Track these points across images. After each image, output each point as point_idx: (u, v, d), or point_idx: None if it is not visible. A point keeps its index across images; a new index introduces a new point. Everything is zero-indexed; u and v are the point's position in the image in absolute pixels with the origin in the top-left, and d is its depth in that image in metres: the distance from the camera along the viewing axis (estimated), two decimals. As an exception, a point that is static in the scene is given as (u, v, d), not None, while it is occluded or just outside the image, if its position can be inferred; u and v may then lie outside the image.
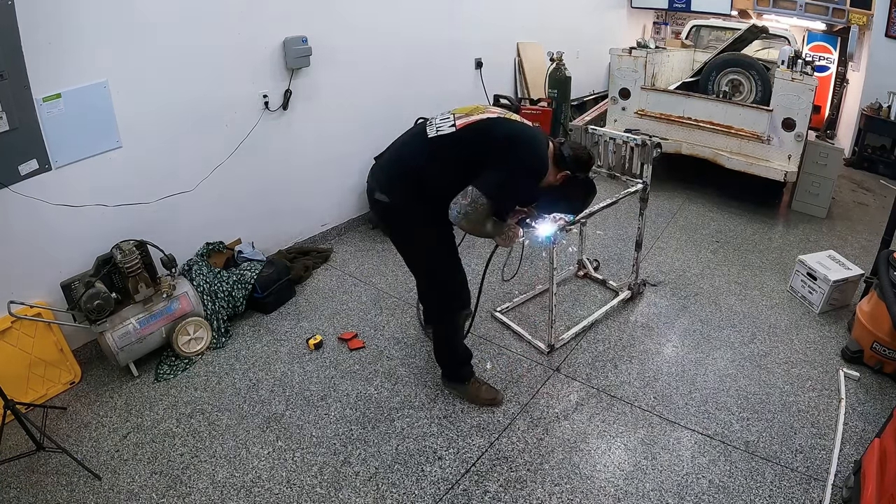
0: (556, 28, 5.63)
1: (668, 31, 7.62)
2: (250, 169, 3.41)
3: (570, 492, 2.17)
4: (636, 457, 2.32)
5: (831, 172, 4.40)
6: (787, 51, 4.27)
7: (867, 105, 5.50)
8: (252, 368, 2.84)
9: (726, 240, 4.11)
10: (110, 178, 2.79)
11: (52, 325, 2.64)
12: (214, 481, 2.22)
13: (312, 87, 3.60)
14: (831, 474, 2.19)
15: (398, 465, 2.29)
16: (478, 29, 4.78)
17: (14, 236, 2.52)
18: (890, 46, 5.35)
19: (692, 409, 2.56)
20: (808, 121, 4.14)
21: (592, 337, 3.04)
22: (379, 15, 3.90)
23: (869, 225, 4.32)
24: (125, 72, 2.72)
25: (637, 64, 4.85)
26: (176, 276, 2.93)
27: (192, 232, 3.19)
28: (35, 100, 2.43)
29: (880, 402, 2.58)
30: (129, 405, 2.61)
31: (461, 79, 4.84)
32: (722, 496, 2.13)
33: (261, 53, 3.29)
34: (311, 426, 2.48)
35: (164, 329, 2.81)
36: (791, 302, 3.37)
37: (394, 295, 3.43)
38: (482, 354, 2.90)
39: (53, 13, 2.42)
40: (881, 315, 2.63)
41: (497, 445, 2.37)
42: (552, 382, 2.72)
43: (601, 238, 4.06)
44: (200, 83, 3.04)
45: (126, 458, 2.33)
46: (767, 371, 2.79)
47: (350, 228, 4.24)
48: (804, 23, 6.07)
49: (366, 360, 2.88)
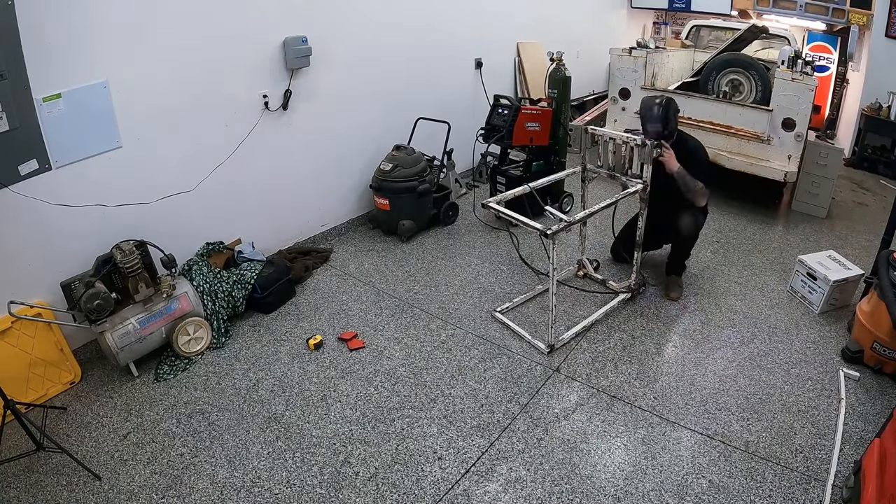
0: (556, 28, 5.63)
1: (668, 31, 7.61)
2: (250, 169, 3.41)
3: (570, 492, 2.17)
4: (636, 457, 2.32)
5: (831, 172, 4.40)
6: (787, 51, 4.27)
7: (867, 105, 5.50)
8: (252, 368, 2.84)
9: (726, 240, 4.11)
10: (110, 178, 2.79)
11: (52, 325, 2.65)
12: (214, 481, 2.22)
13: (312, 87, 3.60)
14: (831, 474, 2.19)
15: (398, 465, 2.29)
16: (478, 29, 4.79)
17: (14, 236, 2.52)
18: (890, 46, 5.35)
19: (692, 409, 2.56)
20: (808, 121, 4.14)
21: (592, 337, 3.04)
22: (379, 15, 3.90)
23: (869, 225, 4.32)
24: (125, 72, 2.72)
25: (637, 64, 4.85)
26: (176, 276, 2.93)
27: (192, 232, 3.19)
28: (35, 100, 2.43)
29: (880, 402, 2.58)
30: (129, 405, 2.61)
31: (461, 79, 4.84)
32: (722, 496, 2.13)
33: (261, 53, 3.30)
34: (311, 426, 2.48)
35: (164, 329, 2.81)
36: (791, 302, 3.36)
37: (394, 295, 3.43)
38: (482, 354, 2.90)
39: (53, 13, 2.42)
40: (881, 315, 2.63)
41: (497, 445, 2.37)
42: (552, 382, 2.72)
43: (601, 238, 4.06)
44: (200, 83, 3.04)
45: (126, 458, 2.33)
46: (767, 371, 2.79)
47: (350, 228, 4.24)
48: (804, 23, 6.07)
49: (366, 360, 2.88)
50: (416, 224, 4.06)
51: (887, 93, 5.30)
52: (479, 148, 4.48)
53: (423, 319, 3.20)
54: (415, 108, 4.28)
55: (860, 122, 5.61)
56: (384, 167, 3.93)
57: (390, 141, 4.10)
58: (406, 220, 3.99)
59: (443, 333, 3.07)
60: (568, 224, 2.66)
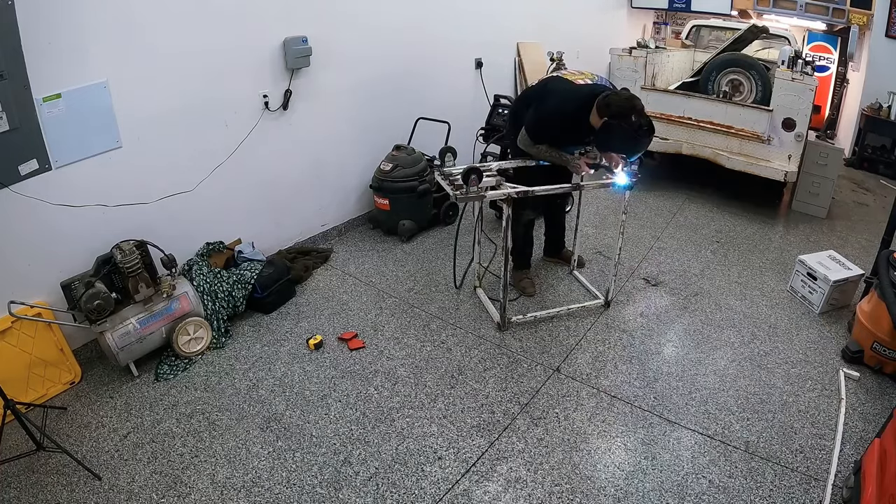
0: (556, 28, 5.63)
1: (668, 31, 7.61)
2: (250, 169, 3.41)
3: (570, 492, 2.17)
4: (636, 457, 2.32)
5: (831, 172, 4.40)
6: (787, 51, 4.27)
7: (867, 105, 5.50)
8: (252, 368, 2.84)
9: (726, 240, 4.11)
10: (110, 178, 2.78)
11: (52, 325, 2.64)
12: (214, 481, 2.22)
13: (312, 87, 3.60)
14: (831, 474, 2.19)
15: (398, 465, 2.29)
16: (478, 29, 4.78)
17: (14, 236, 2.52)
18: (890, 46, 5.35)
19: (692, 409, 2.56)
20: (808, 121, 4.14)
21: (592, 337, 3.04)
22: (379, 15, 3.90)
23: (869, 225, 4.32)
24: (125, 72, 2.71)
25: (637, 64, 4.85)
26: (176, 276, 2.93)
27: (192, 232, 3.19)
28: (35, 100, 2.43)
29: (880, 402, 2.58)
30: (129, 405, 2.61)
31: (461, 79, 4.84)
32: (722, 496, 2.13)
33: (261, 53, 3.29)
34: (311, 426, 2.48)
35: (164, 329, 2.81)
36: (791, 302, 3.37)
37: (394, 295, 3.43)
38: (482, 354, 2.90)
39: (53, 13, 2.42)
40: (881, 315, 2.63)
41: (497, 445, 2.37)
42: (552, 382, 2.72)
43: (600, 239, 4.06)
44: (200, 83, 3.04)
45: (126, 458, 2.33)
46: (767, 371, 2.79)
47: (350, 228, 4.24)
48: (804, 23, 6.07)
49: (366, 360, 2.88)
50: (416, 224, 4.06)
51: (887, 93, 5.31)
52: (479, 148, 4.47)
53: (423, 319, 3.20)
54: (415, 108, 4.28)
55: (860, 122, 5.61)
56: (384, 167, 3.93)
57: (390, 141, 4.09)
58: (406, 220, 3.99)
59: (443, 333, 3.07)
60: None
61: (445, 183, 2.83)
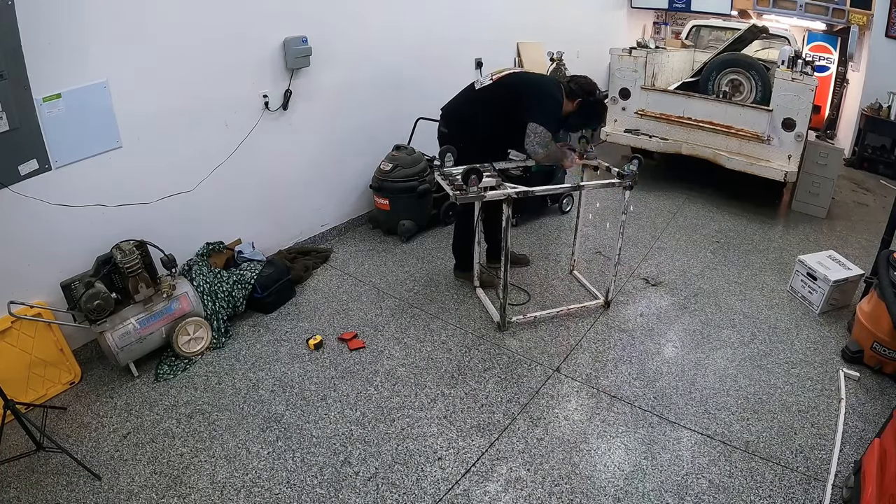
0: (556, 28, 5.63)
1: (668, 31, 7.62)
2: (250, 169, 3.41)
3: (570, 492, 2.17)
4: (636, 457, 2.32)
5: (831, 172, 4.40)
6: (787, 51, 4.27)
7: (867, 105, 5.50)
8: (252, 368, 2.84)
9: (726, 240, 4.11)
10: (110, 178, 2.78)
11: (52, 325, 2.64)
12: (214, 481, 2.22)
13: (312, 87, 3.60)
14: (831, 474, 2.19)
15: (398, 465, 2.29)
16: (478, 29, 4.78)
17: (14, 236, 2.52)
18: (890, 46, 5.36)
19: (692, 409, 2.56)
20: (808, 121, 4.14)
21: (592, 337, 3.04)
22: (379, 15, 3.90)
23: (869, 225, 4.33)
24: (125, 72, 2.71)
25: (637, 64, 4.85)
26: (176, 276, 2.93)
27: (192, 232, 3.19)
28: (35, 100, 2.42)
29: (880, 402, 2.58)
30: (129, 405, 2.61)
31: (461, 79, 4.78)
32: (722, 496, 2.13)
33: (261, 53, 3.29)
34: (311, 426, 2.48)
35: (164, 329, 2.81)
36: (791, 302, 3.37)
37: (394, 295, 3.43)
38: (482, 354, 2.90)
39: (53, 13, 2.42)
40: (881, 315, 2.63)
41: (497, 445, 2.37)
42: (552, 382, 2.72)
43: (600, 239, 4.06)
44: (200, 83, 3.04)
45: (126, 458, 2.33)
46: (767, 371, 2.79)
47: (350, 228, 4.24)
48: (804, 23, 6.08)
49: (366, 360, 2.88)
50: (416, 224, 4.06)
51: (887, 93, 5.31)
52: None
53: (423, 319, 3.20)
54: (415, 108, 4.28)
55: (860, 122, 5.61)
56: (384, 167, 3.93)
57: (390, 141, 4.09)
58: (406, 220, 3.99)
59: (443, 333, 3.07)
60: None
61: (445, 183, 2.83)
